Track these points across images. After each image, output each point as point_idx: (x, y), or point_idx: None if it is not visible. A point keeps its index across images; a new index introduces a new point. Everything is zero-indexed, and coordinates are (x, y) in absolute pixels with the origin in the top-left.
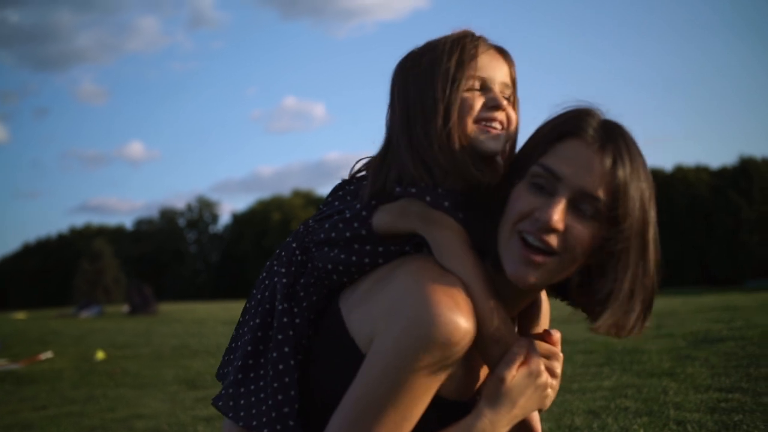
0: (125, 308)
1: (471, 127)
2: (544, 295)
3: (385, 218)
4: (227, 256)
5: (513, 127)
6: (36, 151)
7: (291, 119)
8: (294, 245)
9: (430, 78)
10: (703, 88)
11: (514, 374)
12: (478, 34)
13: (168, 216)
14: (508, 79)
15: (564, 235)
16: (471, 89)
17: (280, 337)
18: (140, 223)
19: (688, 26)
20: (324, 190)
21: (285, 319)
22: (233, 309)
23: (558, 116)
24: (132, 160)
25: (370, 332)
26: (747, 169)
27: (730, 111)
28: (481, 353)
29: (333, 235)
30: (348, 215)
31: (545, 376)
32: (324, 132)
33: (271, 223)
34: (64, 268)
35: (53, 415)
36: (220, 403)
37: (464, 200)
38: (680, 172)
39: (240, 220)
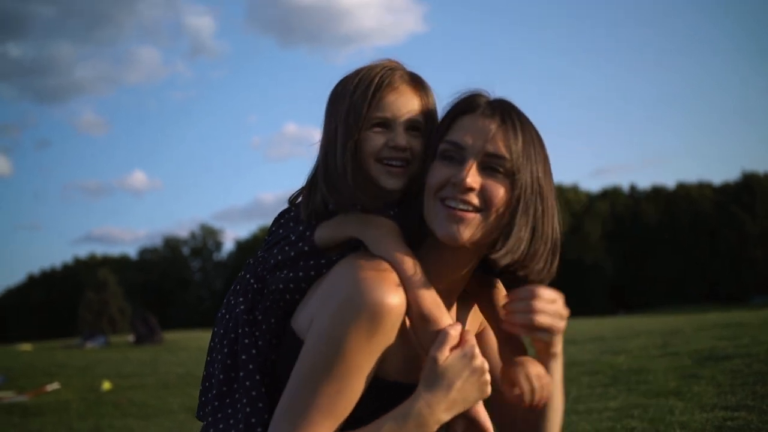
0: (130, 338)
1: (373, 165)
2: (500, 285)
3: (325, 232)
4: (231, 283)
5: (416, 156)
6: (38, 182)
7: (292, 145)
8: (248, 276)
9: (341, 112)
10: (703, 104)
11: (447, 354)
12: (397, 64)
13: (172, 244)
14: (417, 113)
15: (480, 192)
16: (374, 128)
17: (244, 357)
18: (144, 252)
19: (687, 42)
20: None
21: (246, 341)
22: None
23: (452, 100)
24: (134, 190)
25: (309, 319)
26: (750, 184)
27: (732, 126)
28: (415, 333)
29: (280, 257)
30: (293, 237)
31: (481, 361)
32: None
33: None
34: (69, 299)
35: None
36: None
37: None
38: (683, 189)
39: (244, 247)
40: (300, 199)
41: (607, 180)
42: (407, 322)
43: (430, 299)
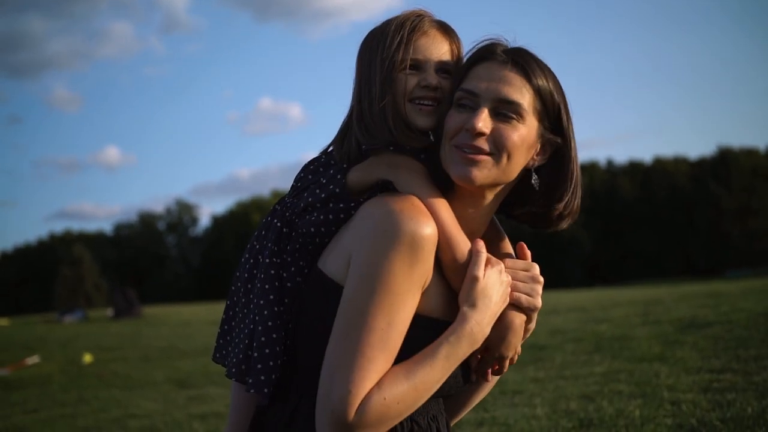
0: (109, 312)
1: (406, 105)
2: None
3: (356, 174)
4: (208, 258)
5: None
6: (10, 159)
7: (267, 121)
8: (275, 221)
9: (374, 58)
10: (679, 79)
11: (484, 272)
12: (425, 12)
13: (147, 220)
14: (447, 57)
15: (492, 136)
16: (406, 70)
17: (266, 286)
18: (119, 228)
19: (663, 17)
20: None
21: (272, 271)
22: (218, 310)
23: (470, 51)
24: (108, 166)
25: (345, 261)
26: (725, 159)
27: (707, 101)
28: (443, 262)
29: (310, 200)
30: (324, 180)
31: (506, 273)
32: (301, 133)
33: (251, 224)
34: (44, 276)
35: (45, 417)
36: (233, 370)
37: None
38: (659, 163)
39: (220, 222)
40: (331, 148)
41: (584, 154)
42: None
43: (457, 228)
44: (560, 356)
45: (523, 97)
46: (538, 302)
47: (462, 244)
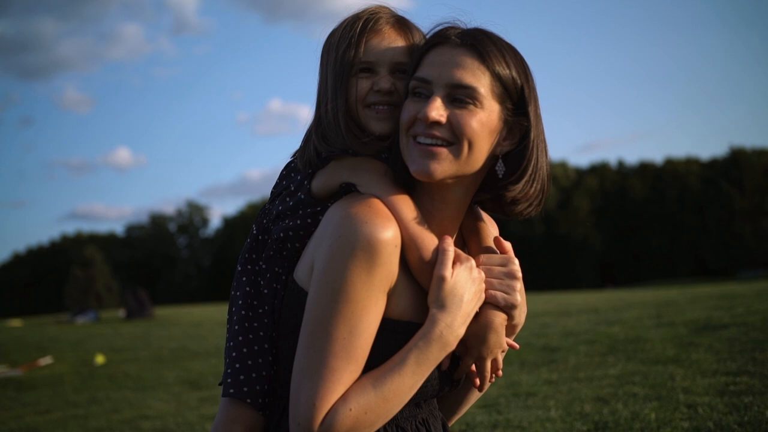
0: (121, 313)
1: (361, 111)
2: (488, 218)
3: (321, 180)
4: (219, 259)
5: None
6: (21, 160)
7: (277, 122)
8: (254, 230)
9: (329, 61)
10: (691, 79)
11: (451, 271)
12: (383, 7)
13: (158, 221)
14: (403, 55)
15: (449, 125)
16: (360, 74)
17: (238, 293)
18: (131, 229)
19: (675, 17)
20: None
21: (244, 278)
22: None
23: (425, 35)
24: (119, 167)
25: (309, 267)
26: (737, 159)
27: (719, 102)
28: (410, 263)
29: (281, 208)
30: (292, 187)
31: (477, 270)
32: None
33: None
34: (56, 276)
35: (58, 418)
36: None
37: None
38: (671, 164)
39: (231, 223)
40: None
41: (595, 155)
42: (407, 257)
43: (422, 227)
44: (573, 358)
45: (479, 80)
46: (516, 299)
47: (427, 242)
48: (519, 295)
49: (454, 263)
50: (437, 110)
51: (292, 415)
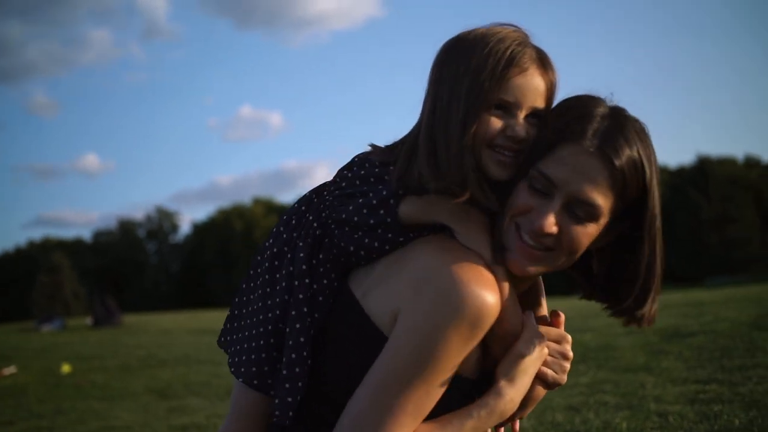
0: (89, 320)
1: (484, 150)
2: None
3: (412, 208)
4: (189, 265)
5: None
6: None
7: (248, 128)
8: (311, 217)
9: (462, 85)
10: (657, 87)
11: (532, 351)
12: (525, 37)
13: (127, 227)
14: (541, 100)
15: (558, 235)
16: (493, 110)
17: (301, 296)
18: (99, 235)
19: (639, 27)
20: (284, 198)
21: (301, 296)
22: (199, 319)
23: (560, 116)
24: (87, 172)
25: (392, 309)
26: (704, 168)
27: (686, 110)
28: (493, 330)
29: (356, 219)
30: (374, 201)
31: (547, 350)
32: (282, 140)
33: (232, 231)
34: (22, 283)
35: (21, 429)
36: (242, 370)
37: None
38: None
39: (201, 229)
40: (388, 158)
41: None
42: None
43: (514, 299)
44: None
45: (605, 200)
46: (563, 380)
47: (516, 316)
48: (566, 375)
49: (533, 340)
50: (552, 221)
51: None
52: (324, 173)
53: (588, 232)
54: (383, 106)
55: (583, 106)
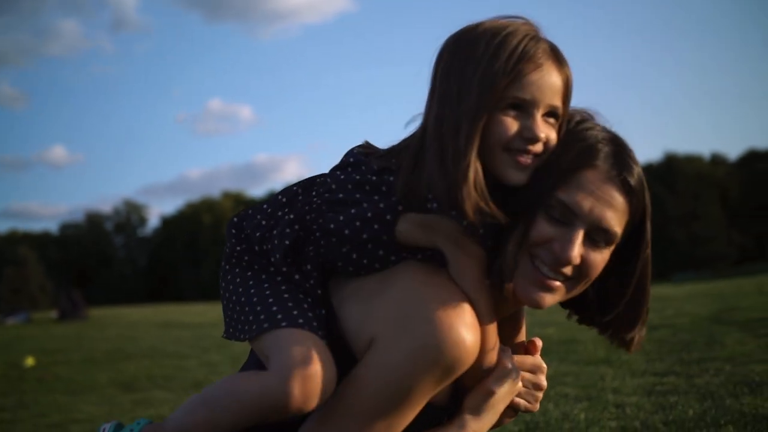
0: (54, 314)
1: (499, 154)
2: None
3: (409, 228)
4: (156, 259)
5: (550, 149)
6: None
7: (217, 121)
8: (292, 217)
9: (471, 80)
10: (624, 84)
11: (503, 388)
12: (536, 29)
13: (94, 220)
14: (558, 97)
15: (579, 264)
16: (508, 109)
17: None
18: (66, 228)
19: (607, 24)
20: (254, 192)
21: (279, 279)
22: (166, 312)
23: (569, 144)
24: (54, 164)
25: (369, 335)
26: (671, 165)
27: (653, 106)
28: (470, 366)
29: (347, 232)
30: (369, 214)
31: (519, 383)
32: (252, 134)
33: (201, 225)
34: None
35: None
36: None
37: (495, 226)
38: None
39: (169, 223)
40: (383, 158)
41: None
42: None
43: (495, 338)
44: None
45: (622, 225)
46: (535, 408)
47: (492, 353)
48: (538, 404)
49: (505, 378)
50: (578, 251)
51: None
52: (295, 167)
53: (604, 258)
54: (354, 100)
55: (583, 130)
